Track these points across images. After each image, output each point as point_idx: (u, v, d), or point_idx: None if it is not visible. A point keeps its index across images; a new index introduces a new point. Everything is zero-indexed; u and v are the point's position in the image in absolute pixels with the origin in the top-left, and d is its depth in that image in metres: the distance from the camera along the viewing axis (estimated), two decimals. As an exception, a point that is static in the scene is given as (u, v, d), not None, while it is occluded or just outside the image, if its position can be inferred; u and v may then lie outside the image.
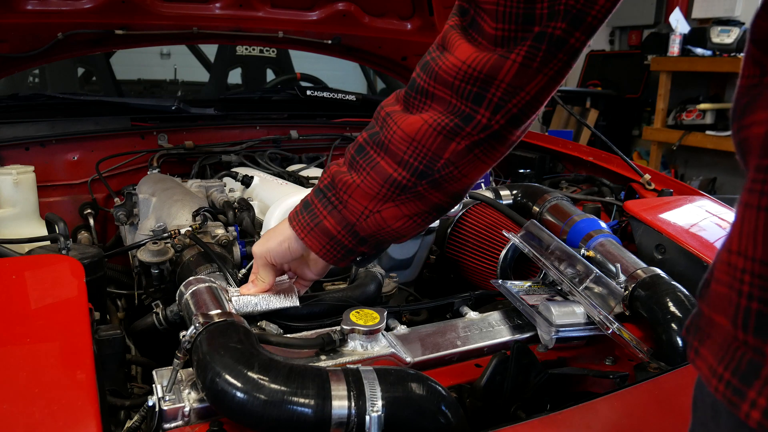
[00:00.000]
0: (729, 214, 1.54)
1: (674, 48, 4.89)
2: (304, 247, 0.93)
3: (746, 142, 0.48)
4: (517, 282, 1.21)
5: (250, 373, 0.76)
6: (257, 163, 1.86)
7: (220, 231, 1.26)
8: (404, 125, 0.81)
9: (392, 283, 1.28)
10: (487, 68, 0.74)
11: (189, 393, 0.83)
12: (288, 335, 1.00)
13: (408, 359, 0.98)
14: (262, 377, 0.75)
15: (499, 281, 1.21)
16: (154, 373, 0.86)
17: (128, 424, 0.84)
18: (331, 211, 0.87)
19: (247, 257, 1.26)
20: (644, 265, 1.24)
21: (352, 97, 2.49)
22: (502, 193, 1.72)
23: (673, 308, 1.10)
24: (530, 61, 0.73)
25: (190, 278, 1.04)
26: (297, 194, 1.33)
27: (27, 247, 1.29)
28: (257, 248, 0.97)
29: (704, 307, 0.51)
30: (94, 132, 1.94)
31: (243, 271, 1.19)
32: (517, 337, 1.10)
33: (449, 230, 1.53)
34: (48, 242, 1.26)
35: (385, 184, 0.83)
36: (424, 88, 0.80)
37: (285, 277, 1.06)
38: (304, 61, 3.21)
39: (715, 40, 4.72)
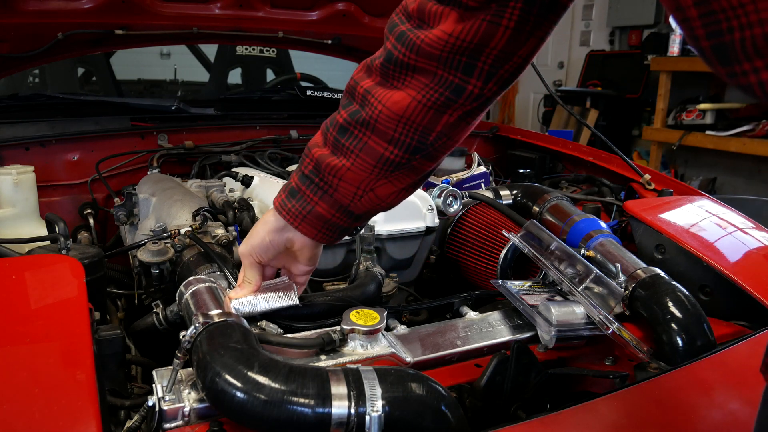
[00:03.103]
0: (729, 214, 1.54)
1: (674, 48, 4.88)
2: (286, 238, 0.91)
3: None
4: (517, 282, 1.21)
5: (250, 373, 0.76)
6: (257, 163, 1.86)
7: (220, 231, 1.26)
8: (389, 103, 0.78)
9: (392, 283, 1.28)
10: (478, 37, 0.71)
11: (189, 393, 0.82)
12: (288, 335, 1.00)
13: (408, 359, 0.98)
14: (262, 377, 0.75)
15: (499, 281, 1.21)
16: (154, 373, 0.86)
17: (128, 424, 0.84)
18: (321, 196, 0.85)
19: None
20: (644, 265, 1.24)
21: (351, 97, 2.48)
22: (502, 193, 1.72)
23: (673, 308, 1.10)
24: (522, 26, 0.71)
25: (190, 278, 1.04)
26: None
27: (27, 247, 1.29)
28: (242, 248, 0.96)
29: None
30: (94, 132, 1.94)
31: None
32: (517, 337, 1.10)
33: (449, 230, 1.53)
34: (48, 242, 1.26)
35: (377, 164, 0.81)
36: (404, 62, 0.76)
37: (286, 277, 1.06)
38: (304, 61, 3.22)
39: (715, 40, 4.71)
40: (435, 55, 0.73)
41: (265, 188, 1.59)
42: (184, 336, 0.84)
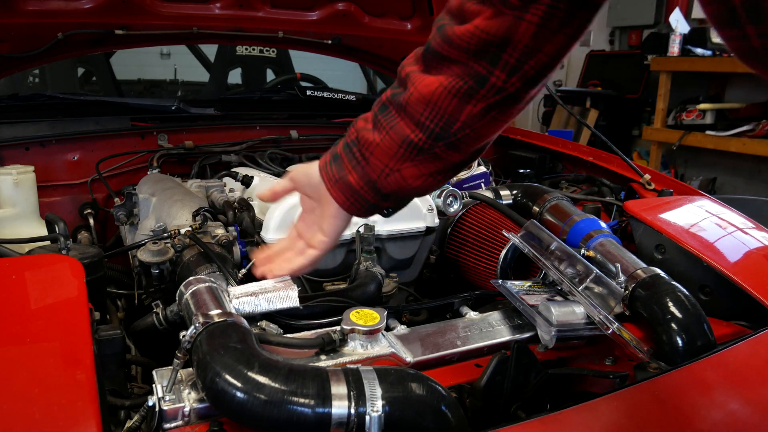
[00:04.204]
0: (729, 214, 1.54)
1: (674, 48, 4.88)
2: (321, 194, 0.92)
3: None
4: (517, 282, 1.21)
5: (250, 373, 0.76)
6: (257, 163, 1.86)
7: (220, 231, 1.26)
8: (421, 86, 0.81)
9: (392, 283, 1.28)
10: (502, 31, 0.73)
11: (189, 393, 0.83)
12: (288, 335, 1.00)
13: (408, 359, 0.98)
14: (262, 377, 0.75)
15: (499, 281, 1.21)
16: (154, 373, 0.86)
17: (128, 424, 0.84)
18: (355, 166, 0.88)
19: (247, 257, 1.26)
20: (644, 265, 1.24)
21: (352, 97, 2.49)
22: (502, 193, 1.72)
23: (673, 308, 1.10)
24: (547, 22, 0.72)
25: (190, 278, 1.04)
26: (297, 194, 1.33)
27: (27, 247, 1.29)
28: (294, 170, 0.98)
29: None
30: (94, 132, 1.94)
31: (243, 271, 1.19)
32: (517, 337, 1.10)
33: (449, 230, 1.53)
34: (48, 242, 1.26)
35: (402, 145, 0.83)
36: (439, 52, 0.79)
37: (286, 277, 1.06)
38: (304, 61, 3.21)
39: (715, 40, 4.71)
40: (464, 47, 0.76)
41: (265, 188, 1.59)
42: (184, 336, 0.84)
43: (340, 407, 0.74)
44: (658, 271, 1.20)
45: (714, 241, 1.39)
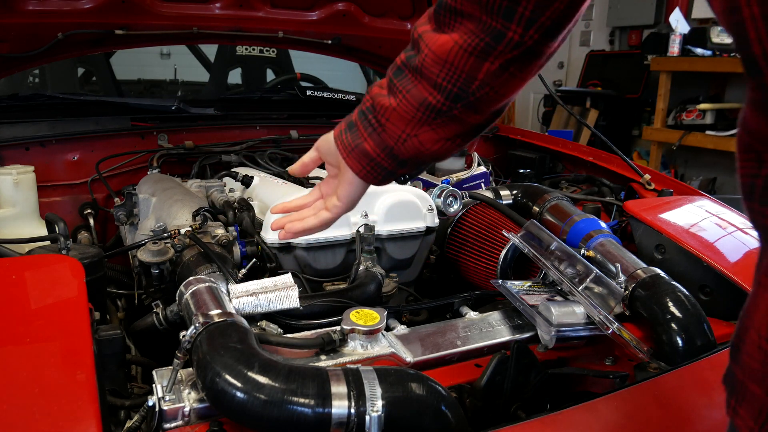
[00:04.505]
0: (729, 214, 1.54)
1: (674, 48, 4.88)
2: (339, 161, 0.90)
3: None
4: (517, 282, 1.21)
5: (250, 373, 0.76)
6: (257, 163, 1.86)
7: (220, 231, 1.26)
8: (435, 47, 0.78)
9: (392, 283, 1.28)
10: None
11: (189, 393, 0.83)
12: (288, 335, 1.00)
13: (408, 359, 0.98)
14: (262, 377, 0.75)
15: (499, 281, 1.21)
16: (154, 373, 0.86)
17: (128, 424, 0.84)
18: (371, 133, 0.85)
19: (247, 257, 1.26)
20: (644, 265, 1.24)
21: (352, 97, 2.49)
22: (502, 193, 1.72)
23: (673, 308, 1.10)
24: None
25: (190, 278, 1.04)
26: (297, 194, 1.33)
27: (27, 247, 1.29)
28: (322, 138, 0.96)
29: (738, 371, 0.54)
30: (94, 132, 1.94)
31: (243, 271, 1.19)
32: (517, 337, 1.10)
33: (449, 230, 1.53)
34: (48, 242, 1.26)
35: (420, 108, 0.80)
36: (452, 6, 0.76)
37: (286, 277, 1.06)
38: (304, 61, 3.21)
39: (715, 40, 4.71)
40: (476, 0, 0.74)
41: (265, 188, 1.59)
42: (184, 336, 0.84)
43: (340, 407, 0.74)
44: (658, 271, 1.20)
45: (714, 241, 1.39)
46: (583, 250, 1.33)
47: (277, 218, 0.99)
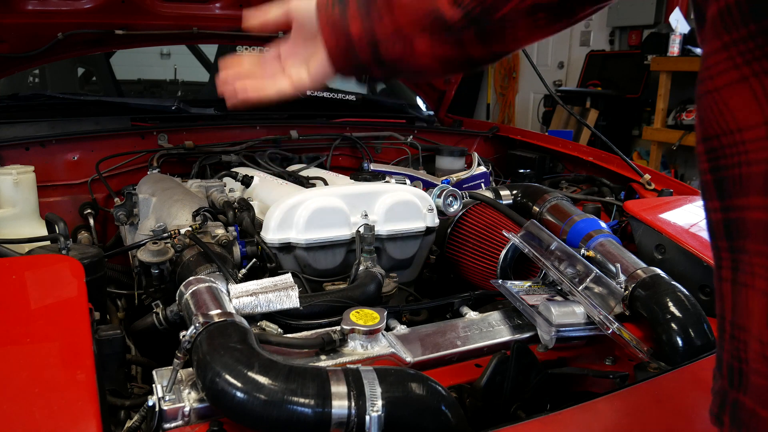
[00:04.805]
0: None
1: (674, 48, 4.88)
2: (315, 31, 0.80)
3: (740, 224, 0.47)
4: (517, 282, 1.21)
5: (250, 373, 0.76)
6: (257, 163, 1.86)
7: (220, 231, 1.26)
8: None
9: (392, 283, 1.28)
10: None
11: (189, 393, 0.83)
12: (288, 335, 1.00)
13: (408, 359, 0.98)
14: (262, 377, 0.75)
15: (499, 281, 1.21)
16: (154, 373, 0.86)
17: (128, 424, 0.84)
18: (364, 16, 0.76)
19: (247, 257, 1.26)
20: (644, 265, 1.24)
21: (352, 97, 2.49)
22: (502, 193, 1.72)
23: (673, 308, 1.10)
24: None
25: (190, 278, 1.04)
26: (297, 194, 1.33)
27: (27, 247, 1.29)
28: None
29: (746, 400, 0.47)
30: (94, 132, 1.94)
31: (243, 271, 1.19)
32: (517, 337, 1.10)
33: (449, 230, 1.53)
34: (48, 242, 1.26)
35: (430, 15, 0.73)
36: None
37: (286, 277, 1.06)
38: (304, 61, 3.21)
39: (715, 40, 4.71)
40: None
41: (265, 188, 1.59)
42: (184, 336, 0.84)
43: (340, 407, 0.74)
44: (658, 271, 1.20)
45: (714, 241, 1.39)
46: (583, 250, 1.33)
47: (225, 77, 0.85)
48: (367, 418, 0.74)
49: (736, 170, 0.47)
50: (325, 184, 1.57)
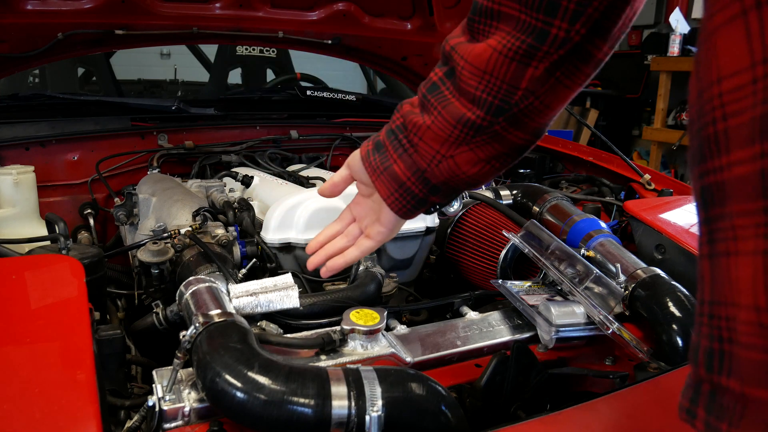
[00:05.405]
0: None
1: (674, 48, 4.89)
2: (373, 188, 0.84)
3: (714, 189, 0.44)
4: (517, 282, 1.21)
5: (250, 373, 0.76)
6: (257, 163, 1.86)
7: (220, 231, 1.26)
8: (471, 57, 0.71)
9: (392, 283, 1.28)
10: None
11: (189, 393, 0.83)
12: (288, 335, 1.00)
13: (408, 359, 0.98)
14: (262, 377, 0.75)
15: (499, 281, 1.21)
16: (154, 373, 0.86)
17: (128, 424, 0.84)
18: (401, 154, 0.79)
19: (247, 257, 1.26)
20: (644, 265, 1.24)
21: (352, 97, 2.49)
22: (502, 193, 1.72)
23: (673, 308, 1.10)
24: None
25: (190, 278, 1.04)
26: (297, 194, 1.33)
27: (27, 247, 1.29)
28: (352, 156, 0.88)
29: (731, 383, 0.43)
30: (94, 132, 1.94)
31: (243, 271, 1.19)
32: (517, 337, 1.10)
33: (449, 230, 1.53)
34: (48, 242, 1.26)
35: (457, 125, 0.73)
36: (488, 8, 0.70)
37: (286, 277, 1.06)
38: (304, 61, 3.22)
39: (715, 40, 4.71)
40: None
41: (265, 188, 1.59)
42: (184, 336, 0.84)
43: (340, 407, 0.74)
44: (658, 271, 1.20)
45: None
46: (583, 250, 1.33)
47: (313, 257, 0.92)
48: (367, 418, 0.74)
49: (710, 128, 0.43)
50: (325, 184, 1.56)
